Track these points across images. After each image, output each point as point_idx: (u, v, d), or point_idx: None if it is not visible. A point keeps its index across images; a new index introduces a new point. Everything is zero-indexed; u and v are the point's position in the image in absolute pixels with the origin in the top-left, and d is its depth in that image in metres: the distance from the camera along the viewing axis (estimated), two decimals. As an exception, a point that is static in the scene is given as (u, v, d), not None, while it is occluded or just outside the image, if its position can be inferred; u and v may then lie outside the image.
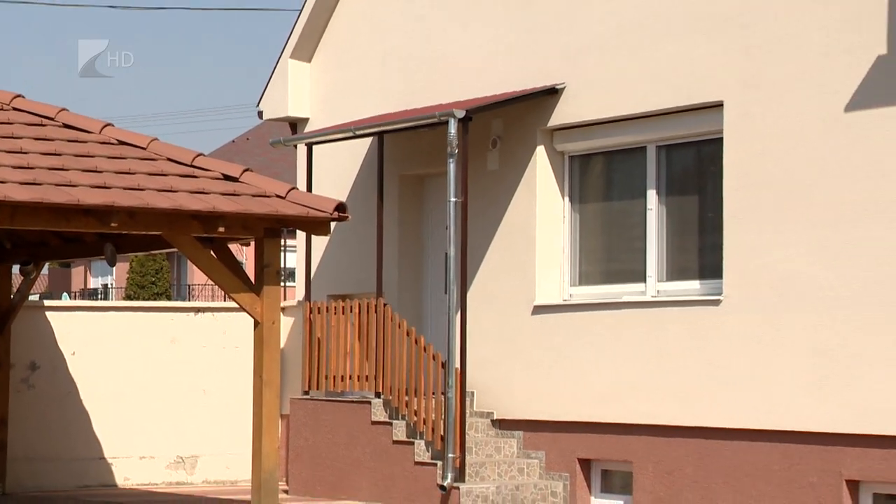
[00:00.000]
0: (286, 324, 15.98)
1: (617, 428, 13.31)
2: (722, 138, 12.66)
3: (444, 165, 13.64)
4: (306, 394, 15.08)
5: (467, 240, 13.63)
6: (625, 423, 13.24)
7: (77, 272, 63.38)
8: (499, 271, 14.41)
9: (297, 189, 12.55)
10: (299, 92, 16.54)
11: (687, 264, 13.33)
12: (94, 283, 61.31)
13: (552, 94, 13.94)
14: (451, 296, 13.54)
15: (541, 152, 14.21)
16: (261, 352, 12.17)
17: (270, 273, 12.19)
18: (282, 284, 12.49)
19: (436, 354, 13.72)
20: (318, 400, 14.98)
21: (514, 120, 14.34)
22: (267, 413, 12.14)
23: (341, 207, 12.18)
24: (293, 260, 17.13)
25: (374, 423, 14.24)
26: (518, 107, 14.11)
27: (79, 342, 15.84)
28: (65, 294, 56.79)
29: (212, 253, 12.23)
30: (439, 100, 14.82)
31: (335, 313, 14.73)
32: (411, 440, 13.85)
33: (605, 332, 13.49)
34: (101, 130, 12.71)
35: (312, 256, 15.77)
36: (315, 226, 12.48)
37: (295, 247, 16.44)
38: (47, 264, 39.32)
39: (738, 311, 12.42)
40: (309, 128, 16.46)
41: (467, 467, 13.45)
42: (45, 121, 12.73)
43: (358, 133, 14.85)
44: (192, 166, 12.33)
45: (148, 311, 16.56)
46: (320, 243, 15.98)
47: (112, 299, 52.65)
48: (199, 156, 12.46)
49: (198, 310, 16.51)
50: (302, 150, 16.10)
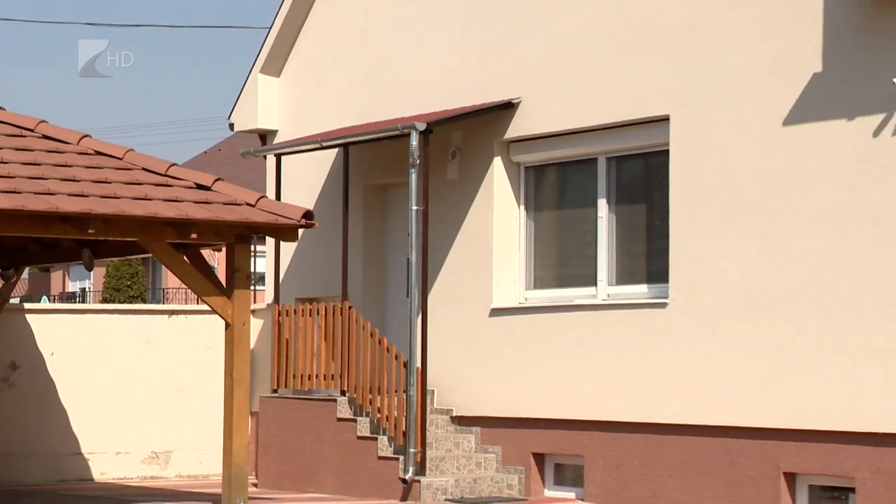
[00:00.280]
0: (256, 325, 15.98)
1: (569, 424, 13.37)
2: (668, 151, 12.75)
3: (406, 175, 13.69)
4: (275, 392, 15.08)
5: (428, 246, 13.69)
6: (576, 419, 13.30)
7: (56, 276, 63.02)
8: (458, 276, 14.47)
9: (267, 197, 12.53)
10: (268, 105, 16.56)
11: (635, 269, 13.43)
12: (73, 286, 60.95)
13: (508, 108, 14.02)
14: (413, 299, 13.60)
15: (498, 163, 14.29)
16: (231, 352, 12.16)
17: (241, 277, 12.19)
18: (252, 288, 12.46)
19: (398, 354, 13.76)
20: (286, 398, 15.00)
21: (472, 132, 14.42)
22: (237, 410, 12.13)
23: (308, 215, 12.20)
24: (263, 265, 17.14)
25: (339, 419, 14.27)
26: (476, 120, 14.18)
27: (57, 343, 15.80)
28: (44, 297, 56.38)
29: (185, 258, 12.21)
30: (401, 113, 14.88)
31: (303, 315, 14.75)
32: (375, 436, 13.89)
33: (558, 333, 13.56)
34: (78, 141, 12.64)
35: (281, 261, 15.76)
36: (283, 232, 12.48)
37: (264, 252, 16.46)
38: (27, 269, 39.02)
39: (684, 314, 12.52)
40: (278, 139, 16.47)
41: (428, 461, 13.50)
42: (24, 132, 12.65)
43: (324, 144, 14.88)
44: (166, 175, 12.30)
45: (124, 313, 16.50)
46: (288, 249, 15.98)
47: (89, 302, 52.33)
48: (172, 165, 12.43)
49: (172, 312, 16.50)
50: (271, 160, 16.11)
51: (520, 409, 13.81)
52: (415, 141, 13.49)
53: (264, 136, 16.78)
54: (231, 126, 17.03)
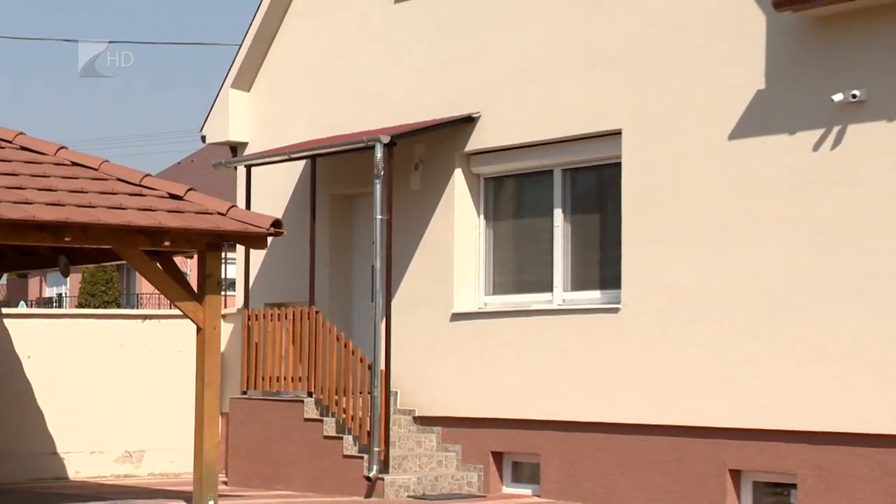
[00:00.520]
0: (226, 329, 15.99)
1: (526, 424, 13.43)
2: (620, 163, 12.84)
3: (371, 186, 13.74)
4: (244, 394, 15.10)
5: (392, 253, 13.75)
6: (533, 419, 13.36)
7: (33, 282, 62.64)
8: (420, 282, 14.52)
9: (237, 207, 12.56)
10: (239, 118, 16.58)
11: (589, 276, 13.50)
12: (49, 292, 60.61)
13: (469, 121, 14.10)
14: (377, 304, 13.64)
15: (458, 174, 14.36)
16: (203, 355, 12.17)
17: (212, 283, 12.21)
18: (222, 293, 12.50)
19: (363, 357, 13.80)
20: (255, 399, 15.01)
21: (434, 145, 14.49)
22: (208, 411, 12.14)
23: (277, 224, 12.23)
24: (233, 271, 17.16)
25: (306, 420, 14.30)
26: (438, 133, 14.25)
27: (34, 347, 15.75)
28: (21, 302, 56.02)
29: (158, 265, 12.21)
30: (366, 126, 14.93)
31: (271, 320, 14.77)
32: (340, 435, 13.92)
33: (515, 337, 13.64)
34: (55, 152, 12.62)
35: (251, 268, 15.78)
36: (253, 240, 12.52)
37: (235, 259, 16.46)
38: (5, 275, 38.87)
39: (635, 319, 12.60)
40: (248, 151, 16.49)
41: (391, 460, 13.55)
42: (3, 143, 12.60)
43: (293, 156, 14.92)
44: (140, 185, 12.30)
45: (99, 318, 16.45)
46: (258, 256, 16.00)
47: (66, 307, 52.06)
48: (146, 176, 12.43)
49: (145, 317, 16.48)
50: (241, 171, 16.12)
51: (479, 410, 13.87)
52: (379, 153, 13.55)
53: (235, 148, 16.80)
54: (203, 138, 17.04)
